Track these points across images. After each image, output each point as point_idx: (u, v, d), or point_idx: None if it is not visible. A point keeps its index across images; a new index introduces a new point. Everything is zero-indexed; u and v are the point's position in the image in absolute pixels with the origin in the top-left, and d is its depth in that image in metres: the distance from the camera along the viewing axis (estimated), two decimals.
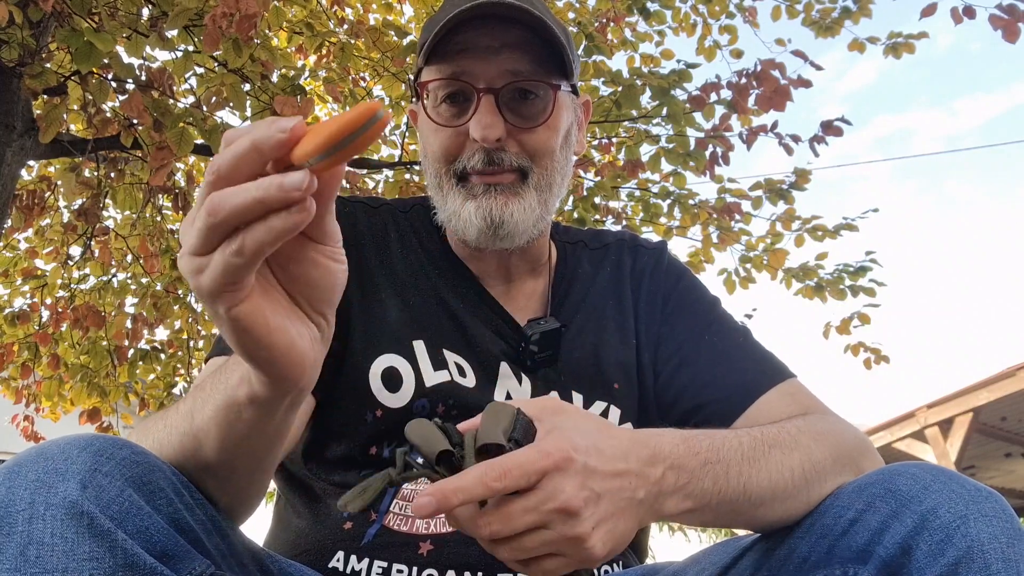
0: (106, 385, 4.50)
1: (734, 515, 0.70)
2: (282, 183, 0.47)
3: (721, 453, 0.68)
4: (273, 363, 0.56)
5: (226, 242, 0.49)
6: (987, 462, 9.96)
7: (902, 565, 0.61)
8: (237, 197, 0.47)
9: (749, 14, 4.40)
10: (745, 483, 0.68)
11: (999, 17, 3.33)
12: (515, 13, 0.90)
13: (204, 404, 0.65)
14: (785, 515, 0.72)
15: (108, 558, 0.52)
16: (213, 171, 0.49)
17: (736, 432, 0.73)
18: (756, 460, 0.70)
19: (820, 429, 0.78)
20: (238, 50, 2.68)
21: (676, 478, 0.64)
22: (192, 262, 0.50)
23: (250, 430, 0.63)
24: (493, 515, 0.58)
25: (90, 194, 3.85)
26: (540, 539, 0.58)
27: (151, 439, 0.70)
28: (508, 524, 0.58)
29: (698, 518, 0.68)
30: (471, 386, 0.94)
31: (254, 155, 0.48)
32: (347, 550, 0.85)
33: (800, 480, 0.72)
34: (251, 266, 0.50)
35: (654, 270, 1.09)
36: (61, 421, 4.69)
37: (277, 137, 0.47)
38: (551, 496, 0.57)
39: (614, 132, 4.04)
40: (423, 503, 0.55)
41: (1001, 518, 0.61)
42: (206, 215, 0.48)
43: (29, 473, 0.54)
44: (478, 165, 0.93)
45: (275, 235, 0.48)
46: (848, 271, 4.35)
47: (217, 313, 0.52)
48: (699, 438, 0.68)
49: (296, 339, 0.56)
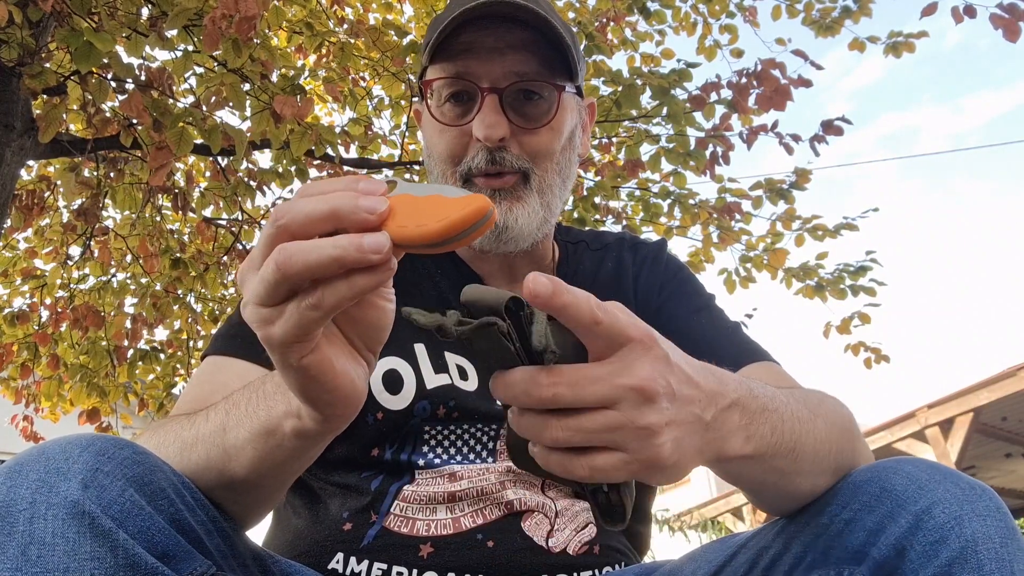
0: (105, 385, 4.49)
1: (777, 475, 0.65)
2: (361, 245, 0.46)
3: (776, 403, 0.63)
4: (334, 405, 0.56)
5: (302, 295, 0.48)
6: (987, 462, 9.97)
7: (896, 567, 0.61)
8: (311, 255, 0.46)
9: (749, 13, 4.39)
10: (796, 441, 0.64)
11: (1000, 16, 3.32)
12: (521, 13, 0.90)
13: (239, 423, 0.64)
14: (812, 488, 0.70)
15: (109, 558, 0.52)
16: (280, 223, 0.48)
17: (780, 390, 0.67)
18: (803, 421, 0.66)
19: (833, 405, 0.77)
20: (238, 50, 2.68)
21: (740, 416, 0.58)
22: (259, 312, 0.50)
23: (289, 457, 0.63)
24: (563, 375, 0.50)
25: (89, 194, 3.85)
26: (604, 420, 0.50)
27: (175, 442, 0.70)
28: (576, 391, 0.50)
29: (753, 468, 0.62)
30: (472, 389, 0.94)
31: (331, 224, 0.47)
32: (346, 551, 0.85)
33: (834, 454, 0.70)
34: (327, 319, 0.49)
35: (653, 264, 1.09)
36: (60, 421, 4.68)
37: (362, 217, 0.46)
38: (629, 369, 0.50)
39: (614, 132, 4.04)
40: (540, 280, 0.47)
41: (995, 516, 0.61)
42: (275, 268, 0.47)
43: (30, 473, 0.54)
44: (481, 164, 0.93)
45: (356, 293, 0.47)
46: (848, 271, 4.35)
47: (287, 363, 0.51)
48: (753, 384, 0.62)
49: (355, 380, 0.56)
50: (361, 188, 0.49)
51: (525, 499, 0.88)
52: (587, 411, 0.50)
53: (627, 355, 0.51)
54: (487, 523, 0.86)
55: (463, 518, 0.86)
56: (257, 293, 0.49)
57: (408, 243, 0.47)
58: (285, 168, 3.87)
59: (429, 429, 0.91)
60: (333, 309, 0.48)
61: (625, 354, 0.51)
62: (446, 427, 0.91)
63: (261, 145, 3.71)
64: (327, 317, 0.49)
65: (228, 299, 4.88)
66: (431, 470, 0.89)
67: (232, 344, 0.92)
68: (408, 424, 0.90)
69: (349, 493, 0.89)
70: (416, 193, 0.49)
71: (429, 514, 0.86)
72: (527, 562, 0.84)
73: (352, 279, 0.47)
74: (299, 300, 0.48)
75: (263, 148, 3.84)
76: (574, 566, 0.86)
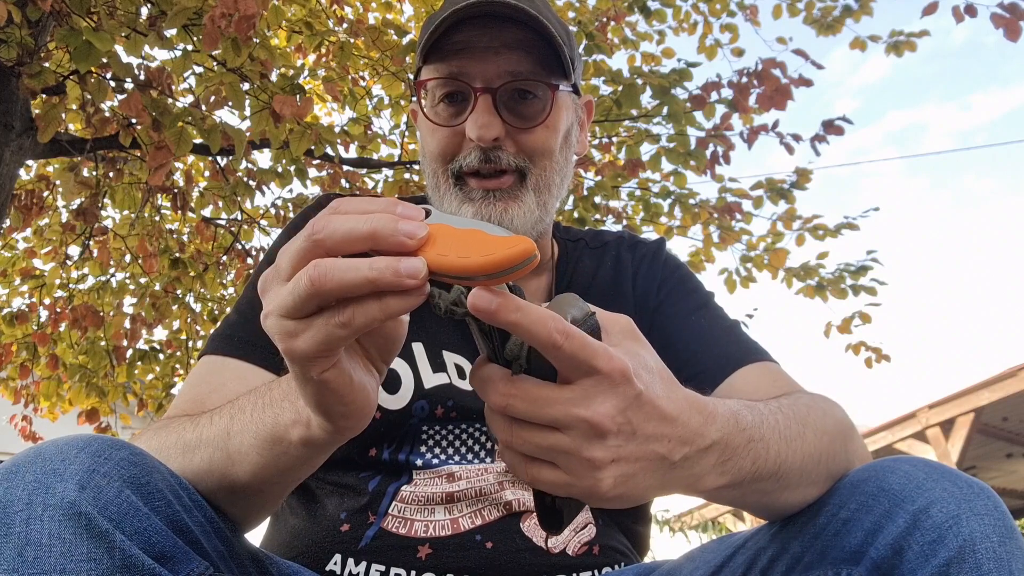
0: (104, 385, 4.49)
1: (759, 495, 0.66)
2: (398, 269, 0.46)
3: (763, 430, 0.63)
4: (347, 417, 0.56)
5: (331, 312, 0.48)
6: (988, 462, 9.97)
7: (894, 566, 0.61)
8: (347, 274, 0.46)
9: (750, 12, 4.39)
10: (781, 463, 0.64)
11: (1000, 16, 3.32)
12: (514, 12, 0.89)
13: (244, 429, 0.64)
14: (803, 499, 0.70)
15: (106, 559, 0.51)
16: (315, 238, 0.48)
17: (769, 406, 0.68)
18: (791, 440, 0.66)
19: (825, 409, 0.76)
20: (237, 49, 2.67)
21: (719, 455, 0.58)
22: (283, 324, 0.49)
23: (294, 464, 0.63)
24: (521, 388, 0.51)
25: (89, 194, 3.85)
26: (551, 441, 0.51)
27: (177, 444, 0.70)
28: (530, 406, 0.51)
29: (725, 495, 0.63)
30: (470, 388, 0.93)
31: (368, 244, 0.47)
32: (344, 552, 0.85)
33: (824, 463, 0.70)
34: (353, 337, 0.49)
35: (652, 262, 1.09)
36: (59, 421, 4.68)
37: (401, 241, 0.46)
38: (587, 401, 0.50)
39: (614, 131, 4.03)
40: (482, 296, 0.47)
41: (993, 515, 0.61)
42: (309, 284, 0.47)
43: (27, 474, 0.54)
44: (474, 163, 0.93)
45: (387, 315, 0.47)
46: (849, 270, 4.35)
47: (307, 376, 0.51)
48: (743, 413, 0.62)
49: (369, 392, 0.56)
50: (400, 212, 0.48)
51: (524, 499, 0.87)
52: (540, 427, 0.51)
53: (590, 387, 0.51)
54: (486, 524, 0.86)
55: (462, 519, 0.86)
56: (284, 305, 0.48)
57: (447, 272, 0.46)
58: (284, 168, 3.87)
59: (427, 429, 0.91)
60: (361, 329, 0.48)
61: (589, 385, 0.51)
62: (444, 427, 0.91)
63: (260, 145, 3.71)
64: (354, 335, 0.48)
65: (227, 299, 4.88)
66: (429, 470, 0.88)
67: (229, 344, 0.91)
68: (406, 424, 0.90)
69: (347, 493, 0.89)
70: (455, 225, 0.49)
71: (427, 515, 0.86)
72: (526, 563, 0.84)
73: (385, 301, 0.47)
74: (328, 316, 0.48)
75: (262, 148, 3.84)
76: (573, 567, 0.86)
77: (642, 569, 0.88)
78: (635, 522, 0.99)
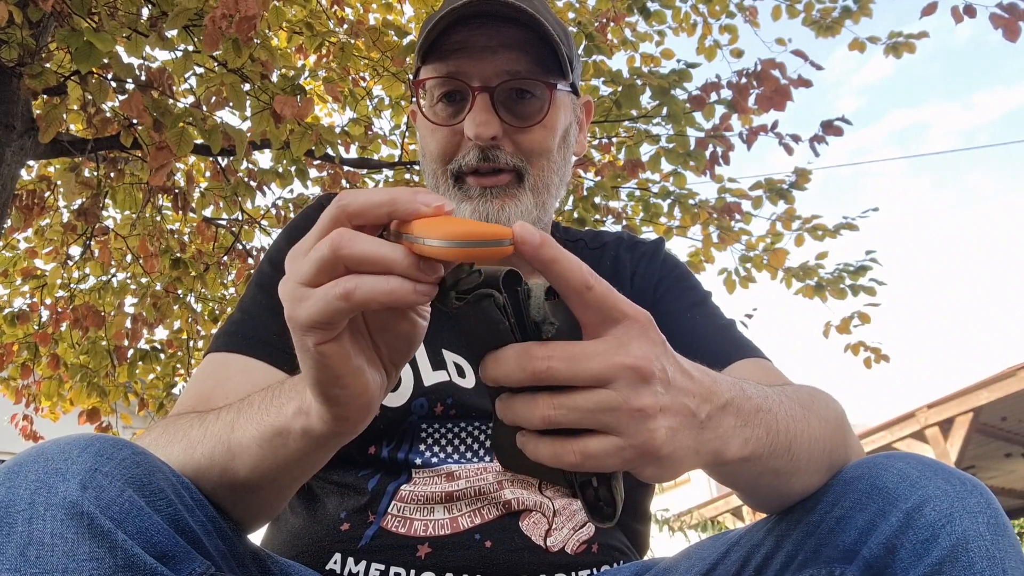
0: (105, 385, 4.50)
1: (773, 476, 0.64)
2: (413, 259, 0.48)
3: (769, 403, 0.62)
4: (343, 403, 0.56)
5: (334, 282, 0.49)
6: (987, 462, 9.97)
7: (887, 565, 0.61)
8: (369, 245, 0.48)
9: (749, 14, 4.40)
10: (791, 440, 0.63)
11: (1000, 16, 3.32)
12: (512, 12, 0.90)
13: (249, 420, 0.65)
14: (807, 488, 0.69)
15: (108, 559, 0.51)
16: (341, 205, 0.50)
17: (772, 388, 0.66)
18: (797, 420, 0.65)
19: (824, 400, 0.76)
20: (238, 50, 2.68)
21: (735, 417, 0.57)
22: (295, 290, 0.50)
23: (292, 458, 0.63)
24: (557, 349, 0.49)
25: (90, 194, 3.85)
26: (598, 399, 0.48)
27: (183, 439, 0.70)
28: (571, 364, 0.48)
29: (749, 470, 0.61)
30: (470, 386, 0.94)
31: (386, 208, 0.49)
32: (344, 552, 0.85)
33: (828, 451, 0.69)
34: (352, 312, 0.50)
35: (650, 260, 1.09)
36: (60, 421, 4.68)
37: (418, 208, 0.48)
38: (625, 348, 0.49)
39: (614, 132, 4.04)
40: (529, 228, 0.48)
41: (986, 513, 0.61)
42: (331, 246, 0.48)
43: (29, 473, 0.54)
44: (472, 162, 0.93)
45: (390, 297, 0.48)
46: (848, 270, 4.36)
47: (305, 345, 0.52)
48: (745, 385, 0.61)
49: (370, 384, 0.56)
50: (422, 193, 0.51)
51: (523, 498, 0.88)
52: (580, 389, 0.49)
53: (623, 333, 0.50)
54: (485, 523, 0.86)
55: (461, 518, 0.86)
56: (302, 272, 0.50)
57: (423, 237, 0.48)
58: (285, 168, 3.87)
59: (427, 427, 0.91)
60: (361, 305, 0.48)
61: (621, 332, 0.50)
62: (443, 425, 0.91)
63: (261, 145, 3.71)
64: (353, 311, 0.49)
65: (228, 299, 4.89)
66: (428, 469, 0.89)
67: (234, 341, 0.92)
68: (405, 422, 0.90)
69: (346, 492, 0.90)
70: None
71: (427, 514, 0.86)
72: (525, 562, 0.84)
73: (389, 280, 0.48)
74: (330, 286, 0.49)
75: (263, 148, 3.85)
76: (572, 565, 0.86)
77: (638, 567, 0.88)
78: (634, 520, 0.99)
